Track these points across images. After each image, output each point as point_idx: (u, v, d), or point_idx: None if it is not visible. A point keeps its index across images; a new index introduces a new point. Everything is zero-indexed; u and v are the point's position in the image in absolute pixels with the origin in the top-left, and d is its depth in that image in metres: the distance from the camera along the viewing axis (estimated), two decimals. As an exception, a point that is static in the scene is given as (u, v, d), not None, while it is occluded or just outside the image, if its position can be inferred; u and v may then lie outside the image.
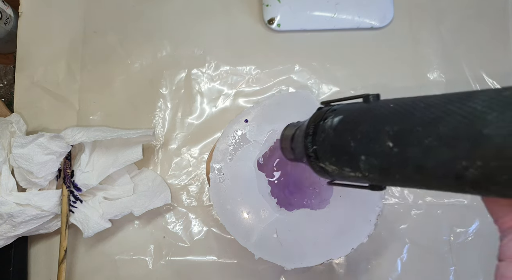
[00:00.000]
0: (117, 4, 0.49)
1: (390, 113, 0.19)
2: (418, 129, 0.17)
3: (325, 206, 0.37)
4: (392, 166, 0.18)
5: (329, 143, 0.22)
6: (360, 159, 0.20)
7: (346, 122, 0.21)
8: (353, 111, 0.22)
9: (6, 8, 0.46)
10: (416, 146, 0.17)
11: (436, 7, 0.48)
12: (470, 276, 0.43)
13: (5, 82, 0.49)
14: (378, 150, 0.18)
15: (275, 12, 0.47)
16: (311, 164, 0.24)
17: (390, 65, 0.47)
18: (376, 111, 0.20)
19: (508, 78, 0.47)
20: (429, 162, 0.16)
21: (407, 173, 0.17)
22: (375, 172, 0.19)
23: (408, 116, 0.18)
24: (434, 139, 0.16)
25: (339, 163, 0.22)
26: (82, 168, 0.41)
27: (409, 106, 0.18)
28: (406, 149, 0.17)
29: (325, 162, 0.23)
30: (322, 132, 0.23)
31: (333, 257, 0.36)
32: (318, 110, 0.26)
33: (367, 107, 0.21)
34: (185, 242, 0.44)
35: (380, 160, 0.19)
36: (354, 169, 0.20)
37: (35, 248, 0.45)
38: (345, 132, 0.21)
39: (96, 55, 0.48)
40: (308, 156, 0.24)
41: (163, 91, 0.47)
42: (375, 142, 0.19)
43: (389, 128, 0.18)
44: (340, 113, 0.22)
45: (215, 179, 0.37)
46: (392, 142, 0.18)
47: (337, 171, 0.22)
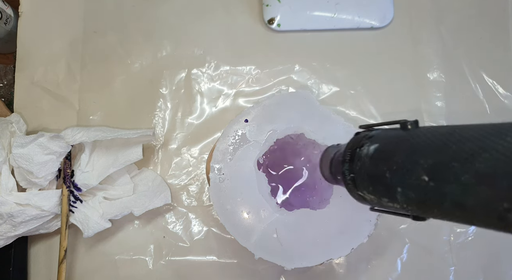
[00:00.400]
0: (117, 4, 0.49)
1: (426, 145, 0.18)
2: (454, 165, 0.16)
3: (325, 206, 0.37)
4: (429, 200, 0.17)
5: (366, 172, 0.21)
6: (396, 190, 0.19)
7: (382, 151, 0.21)
8: (389, 139, 0.21)
9: (6, 8, 0.46)
10: (453, 183, 0.16)
11: (436, 7, 0.48)
12: (470, 276, 0.43)
13: (5, 82, 0.49)
14: (414, 183, 0.18)
15: (275, 12, 0.47)
16: (349, 191, 0.24)
17: (390, 65, 0.47)
18: (412, 141, 0.19)
19: (508, 78, 0.47)
20: (467, 200, 0.15)
21: (446, 209, 0.17)
22: (412, 205, 0.19)
23: (443, 149, 0.17)
24: (471, 176, 0.15)
25: (376, 193, 0.21)
26: (82, 168, 0.41)
27: (445, 138, 0.17)
28: (443, 185, 0.16)
29: (363, 190, 0.22)
30: (358, 160, 0.22)
31: (333, 257, 0.36)
32: (356, 135, 0.25)
33: (403, 135, 0.20)
34: (185, 242, 0.44)
35: (417, 194, 0.18)
36: (392, 200, 0.20)
37: (35, 248, 0.45)
38: (381, 161, 0.20)
39: (96, 55, 0.48)
40: (346, 183, 0.24)
41: (163, 91, 0.47)
42: (410, 174, 0.18)
43: (424, 161, 0.17)
44: (376, 141, 0.22)
45: (215, 179, 0.37)
46: (428, 176, 0.17)
47: (375, 200, 0.22)
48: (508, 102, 0.47)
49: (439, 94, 0.47)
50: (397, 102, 0.47)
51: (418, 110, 0.47)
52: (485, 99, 0.47)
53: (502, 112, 0.46)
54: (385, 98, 0.47)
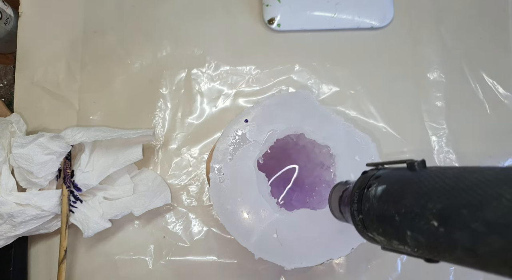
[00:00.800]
0: (117, 4, 0.49)
1: (434, 188, 0.17)
2: (463, 212, 0.15)
3: (325, 206, 0.37)
4: (440, 246, 0.17)
5: (374, 214, 0.21)
6: (406, 234, 0.18)
7: (390, 193, 0.20)
8: (397, 180, 0.20)
9: (6, 8, 0.46)
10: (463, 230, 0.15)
11: (436, 7, 0.48)
12: (470, 276, 0.43)
13: (5, 82, 0.49)
14: (423, 227, 0.17)
15: (275, 12, 0.47)
16: (359, 232, 0.24)
17: (390, 65, 0.47)
18: (419, 183, 0.19)
19: (508, 78, 0.47)
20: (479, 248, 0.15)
21: (458, 255, 0.16)
22: (423, 249, 0.18)
23: (452, 194, 0.16)
24: (481, 224, 0.15)
25: (386, 235, 0.20)
26: (82, 168, 0.41)
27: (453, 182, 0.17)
28: (453, 231, 0.16)
29: (373, 232, 0.22)
30: (366, 201, 0.22)
31: (333, 257, 0.36)
32: (363, 174, 0.24)
33: (411, 177, 0.20)
34: (185, 242, 0.44)
35: (427, 238, 0.17)
36: (402, 243, 0.19)
37: (35, 248, 0.45)
38: (389, 204, 0.20)
39: (96, 55, 0.48)
40: (356, 224, 0.23)
41: (163, 91, 0.47)
42: (420, 218, 0.17)
43: (433, 205, 0.17)
44: (384, 182, 0.21)
45: (215, 179, 0.37)
46: (437, 222, 0.16)
47: (386, 242, 0.21)
48: (508, 102, 0.47)
49: (439, 94, 0.47)
50: (397, 102, 0.47)
51: (418, 110, 0.47)
52: (485, 99, 0.47)
53: (502, 112, 0.46)
54: (385, 98, 0.47)
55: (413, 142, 0.46)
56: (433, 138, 0.46)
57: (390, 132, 0.46)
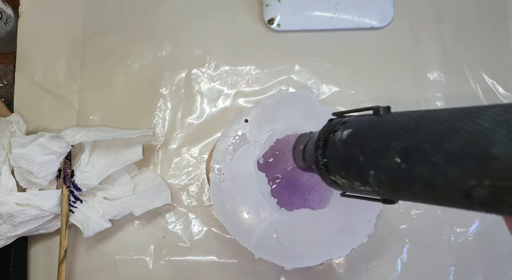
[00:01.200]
0: (117, 4, 0.49)
1: (399, 128, 0.18)
2: (425, 146, 0.16)
3: (325, 206, 0.37)
4: (400, 182, 0.18)
5: (339, 156, 0.22)
6: (369, 173, 0.19)
7: (355, 136, 0.21)
8: (363, 124, 0.21)
9: (6, 8, 0.46)
10: (424, 164, 0.16)
11: (436, 7, 0.48)
12: (470, 276, 0.43)
13: (5, 82, 0.49)
14: (386, 165, 0.18)
15: (275, 12, 0.47)
16: (322, 176, 0.24)
17: (390, 65, 0.47)
18: (384, 125, 0.20)
19: (508, 78, 0.47)
20: (437, 180, 0.16)
21: (416, 190, 0.17)
22: (384, 187, 0.19)
23: (415, 131, 0.17)
24: (442, 156, 0.16)
25: (349, 177, 0.21)
26: (82, 168, 0.41)
27: (417, 122, 0.18)
28: (414, 166, 0.17)
29: (336, 175, 0.23)
30: (331, 145, 0.23)
31: (333, 257, 0.36)
32: (329, 121, 0.25)
33: (377, 120, 0.21)
34: (185, 242, 0.44)
35: (389, 176, 0.18)
36: (364, 183, 0.20)
37: (35, 248, 0.45)
38: (354, 146, 0.21)
39: (96, 55, 0.48)
40: (319, 168, 0.24)
41: (163, 91, 0.47)
42: (383, 157, 0.18)
43: (397, 143, 0.18)
44: (350, 126, 0.22)
45: (215, 179, 0.37)
46: (400, 158, 0.17)
47: (347, 184, 0.22)
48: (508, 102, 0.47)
49: (439, 94, 0.47)
50: (397, 102, 0.47)
51: (418, 110, 0.47)
52: (485, 99, 0.47)
53: (502, 112, 0.46)
54: (385, 98, 0.47)
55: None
56: (433, 138, 0.46)
57: (390, 132, 0.46)
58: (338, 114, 0.26)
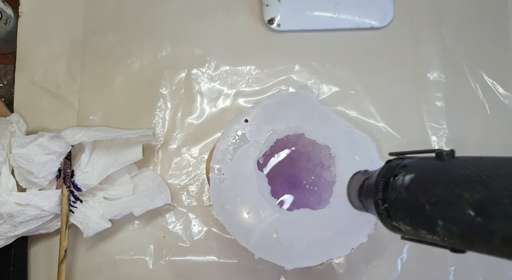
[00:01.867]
0: (117, 4, 0.49)
1: (469, 178, 0.17)
2: (504, 202, 0.15)
3: (325, 206, 0.37)
4: (475, 236, 0.17)
5: (402, 203, 0.21)
6: (437, 224, 0.18)
7: (419, 182, 0.20)
8: (426, 169, 0.20)
9: (6, 8, 0.46)
10: (504, 220, 0.15)
11: (436, 7, 0.48)
12: (470, 276, 0.43)
13: (5, 82, 0.49)
14: (457, 217, 0.17)
15: (275, 12, 0.47)
16: (383, 221, 0.23)
17: (390, 65, 0.47)
18: (452, 172, 0.18)
19: (508, 78, 0.47)
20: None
21: (494, 245, 0.16)
22: (455, 239, 0.18)
23: (491, 184, 0.16)
24: None
25: (414, 225, 0.20)
26: (82, 168, 0.41)
27: (492, 172, 0.17)
28: (492, 221, 0.16)
29: (399, 221, 0.21)
30: (393, 190, 0.21)
31: (333, 257, 0.36)
32: (387, 163, 0.24)
33: (441, 166, 0.19)
34: (185, 242, 0.44)
35: (461, 228, 0.17)
36: (432, 233, 0.19)
37: (35, 248, 0.45)
38: (418, 193, 0.19)
39: (96, 55, 0.48)
40: (379, 213, 0.23)
41: (163, 91, 0.47)
42: (453, 208, 0.17)
43: (469, 195, 0.17)
44: (412, 171, 0.21)
45: (215, 179, 0.37)
46: (474, 211, 0.16)
47: (412, 231, 0.21)
48: (508, 102, 0.47)
49: (439, 94, 0.47)
50: (397, 102, 0.47)
51: (418, 110, 0.47)
52: (485, 99, 0.47)
53: (502, 112, 0.46)
54: (385, 98, 0.47)
55: (413, 142, 0.46)
56: (433, 138, 0.46)
57: (390, 132, 0.46)
58: (397, 155, 0.25)
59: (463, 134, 0.46)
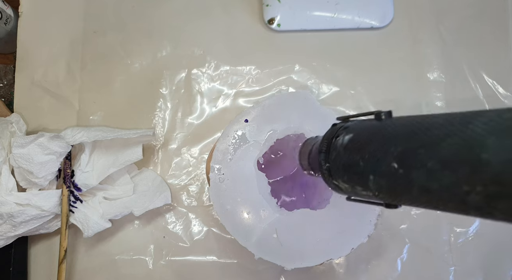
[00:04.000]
0: (117, 4, 0.49)
1: (396, 133, 0.19)
2: (420, 151, 0.16)
3: (325, 206, 0.37)
4: (398, 187, 0.18)
5: (340, 161, 0.22)
6: (369, 178, 0.20)
7: (356, 140, 0.21)
8: (363, 129, 0.22)
9: (6, 8, 0.46)
10: (420, 169, 0.16)
11: (436, 7, 0.48)
12: (470, 276, 0.43)
13: (5, 82, 0.49)
14: (384, 170, 0.18)
15: (275, 12, 0.47)
16: (325, 180, 0.25)
17: (390, 65, 0.47)
18: (384, 130, 0.20)
19: (508, 78, 0.47)
20: (432, 185, 0.16)
21: (414, 195, 0.17)
22: (384, 192, 0.19)
23: (412, 137, 0.17)
24: (436, 162, 0.16)
25: (350, 182, 0.22)
26: (82, 168, 0.41)
27: (415, 127, 0.18)
28: (410, 171, 0.17)
29: (338, 180, 0.23)
30: (333, 150, 0.23)
31: (333, 257, 0.36)
32: (333, 126, 0.25)
33: (377, 126, 0.21)
34: (185, 242, 0.44)
35: (387, 181, 0.18)
36: (365, 188, 0.20)
37: (35, 248, 0.45)
38: (354, 151, 0.21)
39: (96, 55, 0.48)
40: (322, 173, 0.24)
41: (163, 91, 0.47)
42: (381, 162, 0.19)
43: (394, 148, 0.18)
44: (351, 131, 0.22)
45: (215, 179, 0.37)
46: (397, 163, 0.18)
47: (350, 189, 0.22)
48: (508, 102, 0.47)
49: (439, 94, 0.47)
50: (397, 102, 0.47)
51: (418, 110, 0.47)
52: (485, 99, 0.47)
53: (502, 112, 0.46)
54: (385, 98, 0.47)
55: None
56: (433, 138, 0.46)
57: (390, 132, 0.46)
58: (342, 119, 0.26)
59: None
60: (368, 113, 0.24)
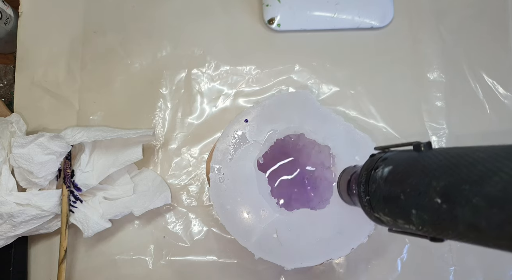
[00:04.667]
0: (117, 4, 0.49)
1: (438, 167, 0.18)
2: (465, 188, 0.16)
3: (325, 206, 0.37)
4: (443, 222, 0.17)
5: (381, 194, 0.22)
6: (411, 213, 0.19)
7: (396, 173, 0.21)
8: (402, 161, 0.21)
9: (6, 8, 0.46)
10: (464, 206, 0.16)
11: (436, 7, 0.48)
12: (470, 276, 0.43)
13: (5, 82, 0.49)
14: (427, 205, 0.18)
15: (275, 12, 0.47)
16: (366, 213, 0.24)
17: (390, 65, 0.47)
18: (424, 163, 0.19)
19: (508, 78, 0.47)
20: (480, 222, 0.15)
21: (460, 231, 0.17)
22: (427, 227, 0.19)
23: (455, 171, 0.17)
24: (482, 199, 0.15)
25: (392, 215, 0.21)
26: (82, 168, 0.41)
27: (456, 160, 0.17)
28: (455, 207, 0.16)
29: (379, 212, 0.22)
30: (373, 182, 0.23)
31: (333, 257, 0.36)
32: (371, 157, 0.25)
33: (417, 157, 0.20)
34: (185, 242, 0.44)
35: (431, 216, 0.18)
36: (407, 222, 0.20)
37: (35, 248, 0.45)
38: (395, 184, 0.21)
39: (96, 55, 0.48)
40: (363, 205, 0.24)
41: (163, 91, 0.47)
42: (424, 196, 0.18)
43: (436, 183, 0.17)
44: (390, 163, 0.22)
45: (215, 179, 0.37)
46: (440, 198, 0.17)
47: (391, 222, 0.22)
48: (508, 102, 0.47)
49: (439, 94, 0.47)
50: (397, 102, 0.47)
51: (418, 110, 0.47)
52: (485, 99, 0.47)
53: (502, 112, 0.46)
54: (385, 98, 0.47)
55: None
56: (433, 138, 0.46)
57: (390, 132, 0.46)
58: (381, 149, 0.26)
59: (463, 134, 0.46)
60: (407, 144, 0.23)
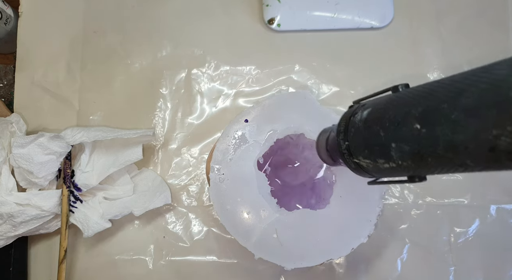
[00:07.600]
0: (117, 4, 0.49)
1: (415, 96, 0.19)
2: (443, 106, 0.16)
3: (325, 206, 0.37)
4: (422, 149, 0.18)
5: (360, 136, 0.22)
6: (391, 147, 0.19)
7: (375, 112, 0.21)
8: (381, 101, 0.22)
9: (6, 8, 0.46)
10: (443, 124, 0.16)
11: (436, 7, 0.48)
12: (470, 276, 0.43)
13: (5, 82, 0.49)
14: (407, 134, 0.18)
15: (275, 12, 0.47)
16: (346, 161, 0.24)
17: (390, 65, 0.47)
18: (402, 97, 0.20)
19: (508, 78, 0.47)
20: (458, 137, 0.16)
21: (439, 153, 0.17)
22: (407, 159, 0.19)
23: (432, 95, 0.18)
24: (460, 112, 0.15)
25: (372, 155, 0.21)
26: (82, 168, 0.41)
27: (434, 86, 0.18)
28: (434, 128, 0.17)
29: (359, 156, 0.23)
30: (352, 127, 0.23)
31: (333, 257, 0.36)
32: (350, 107, 0.26)
33: (395, 96, 0.21)
34: (185, 242, 0.44)
35: (411, 145, 0.18)
36: (387, 159, 0.20)
37: (35, 248, 0.45)
38: (374, 122, 0.21)
39: (96, 55, 0.48)
40: (342, 153, 0.24)
41: (163, 91, 0.47)
42: (402, 126, 0.19)
43: (415, 110, 0.18)
44: (369, 106, 0.22)
45: (215, 179, 0.37)
46: (419, 124, 0.18)
47: (371, 164, 0.22)
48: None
49: (439, 94, 0.47)
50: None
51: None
52: (485, 99, 0.47)
53: (502, 112, 0.46)
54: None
55: (413, 142, 0.46)
56: (433, 138, 0.46)
57: (390, 132, 0.46)
58: (357, 101, 0.26)
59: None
60: (385, 90, 0.24)
